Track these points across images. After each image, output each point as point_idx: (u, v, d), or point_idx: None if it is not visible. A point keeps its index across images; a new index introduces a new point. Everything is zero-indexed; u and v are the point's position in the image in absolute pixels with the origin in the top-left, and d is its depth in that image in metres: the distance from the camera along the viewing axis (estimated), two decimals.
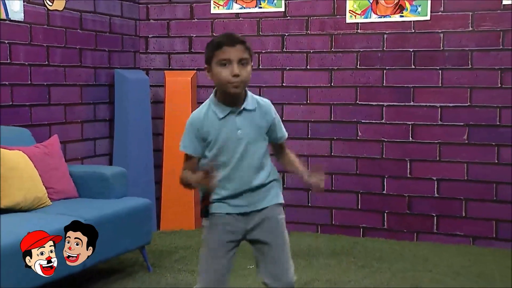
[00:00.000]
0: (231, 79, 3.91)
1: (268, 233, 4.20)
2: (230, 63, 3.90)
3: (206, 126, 4.06)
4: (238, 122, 4.04)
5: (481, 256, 7.19)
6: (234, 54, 3.90)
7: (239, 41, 3.95)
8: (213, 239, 4.26)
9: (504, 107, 7.52)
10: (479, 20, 7.54)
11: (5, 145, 5.98)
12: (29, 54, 7.07)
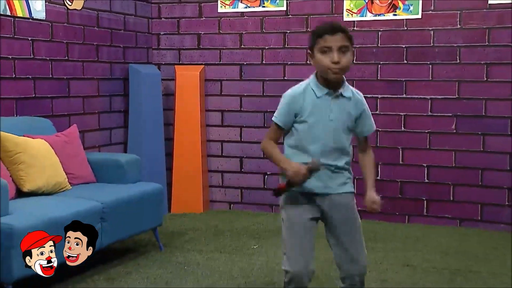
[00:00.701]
0: (331, 66, 3.88)
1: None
2: (331, 50, 3.87)
3: (303, 102, 4.03)
4: (332, 105, 3.99)
5: (467, 237, 7.22)
6: (334, 42, 3.86)
7: (340, 29, 3.91)
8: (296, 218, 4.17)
9: (489, 99, 7.54)
10: (467, 18, 7.55)
11: (28, 134, 6.03)
12: (50, 50, 7.07)
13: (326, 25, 4.00)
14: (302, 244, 4.08)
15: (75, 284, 5.51)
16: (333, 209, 4.12)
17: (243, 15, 8.47)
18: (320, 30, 3.94)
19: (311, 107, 3.99)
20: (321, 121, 3.99)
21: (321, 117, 3.99)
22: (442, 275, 5.88)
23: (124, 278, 5.75)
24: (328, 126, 3.98)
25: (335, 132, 4.00)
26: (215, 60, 8.62)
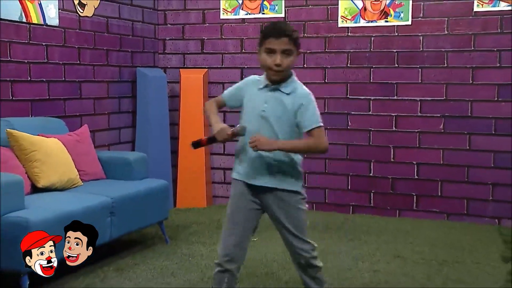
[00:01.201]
0: (273, 67, 3.92)
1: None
2: (275, 52, 3.90)
3: (249, 89, 4.13)
4: (267, 98, 4.01)
5: (454, 230, 7.25)
6: (278, 45, 3.89)
7: (285, 34, 3.92)
8: None
9: (475, 101, 7.56)
10: (454, 25, 7.57)
11: (43, 133, 6.04)
12: (63, 54, 7.07)
13: (273, 27, 4.05)
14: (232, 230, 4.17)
15: (86, 275, 5.50)
16: (271, 203, 4.10)
17: (244, 21, 8.49)
18: (267, 32, 3.99)
19: (249, 96, 4.09)
20: (254, 111, 4.04)
21: (254, 107, 4.05)
22: (430, 266, 5.89)
23: (132, 269, 5.75)
24: (260, 117, 4.00)
25: (267, 123, 3.99)
26: (218, 64, 8.63)
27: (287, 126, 4.01)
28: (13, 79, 6.42)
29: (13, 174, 5.18)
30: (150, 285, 5.36)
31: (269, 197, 4.10)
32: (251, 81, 4.19)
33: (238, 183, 4.18)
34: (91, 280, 5.41)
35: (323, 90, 8.02)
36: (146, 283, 5.40)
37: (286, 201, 4.10)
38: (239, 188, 4.17)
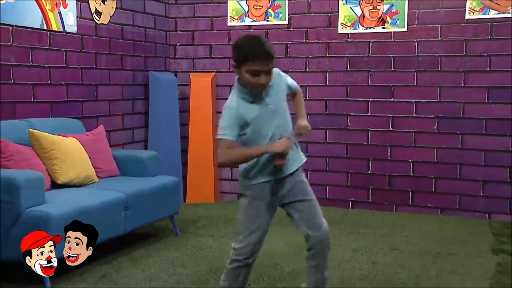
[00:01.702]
0: (258, 86, 3.80)
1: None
2: (260, 73, 3.76)
3: (241, 112, 3.87)
4: (264, 101, 3.89)
5: (447, 224, 7.25)
6: (264, 67, 3.75)
7: (272, 56, 3.80)
8: None
9: (467, 102, 7.55)
10: (446, 32, 7.57)
11: (61, 133, 6.04)
12: (81, 59, 7.09)
13: (259, 50, 3.79)
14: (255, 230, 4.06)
15: (102, 265, 5.53)
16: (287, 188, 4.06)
17: (250, 28, 8.47)
18: (254, 54, 3.77)
19: (249, 114, 3.87)
20: (265, 117, 3.89)
21: (262, 114, 3.89)
22: (425, 258, 5.89)
23: (145, 260, 5.76)
24: (273, 116, 3.92)
25: (280, 116, 3.94)
26: (225, 68, 8.61)
27: (284, 108, 4.00)
28: (34, 83, 6.43)
29: (34, 171, 5.21)
30: (162, 275, 5.35)
31: (288, 182, 4.06)
32: (236, 105, 3.91)
33: (258, 187, 4.04)
34: (107, 270, 5.42)
35: (324, 93, 8.05)
36: (158, 273, 5.39)
37: (299, 178, 4.12)
38: (259, 191, 4.05)
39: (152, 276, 5.33)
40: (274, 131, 3.92)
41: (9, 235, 4.90)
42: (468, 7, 7.45)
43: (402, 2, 7.72)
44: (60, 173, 5.75)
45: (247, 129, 3.89)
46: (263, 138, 3.91)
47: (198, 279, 5.25)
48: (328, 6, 8.07)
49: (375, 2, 7.84)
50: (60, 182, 5.74)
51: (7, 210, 4.89)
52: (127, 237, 6.08)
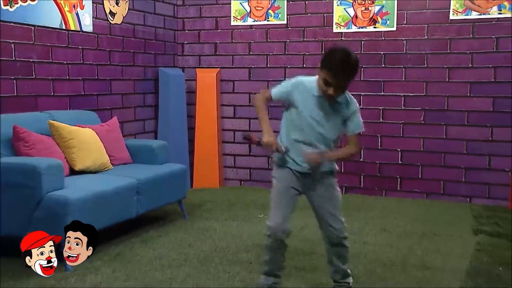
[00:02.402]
0: (325, 93, 3.80)
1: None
2: (330, 85, 3.75)
3: (302, 92, 3.93)
4: (325, 105, 3.90)
5: (432, 207, 7.28)
6: (336, 81, 3.73)
7: (347, 77, 3.79)
8: None
9: (450, 96, 7.58)
10: (432, 31, 7.59)
11: (79, 124, 6.06)
12: (96, 56, 7.11)
13: (337, 62, 3.77)
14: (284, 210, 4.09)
15: (116, 245, 5.56)
16: (313, 185, 4.12)
17: (252, 27, 8.48)
18: (330, 66, 3.78)
19: (303, 100, 3.92)
20: (311, 115, 3.92)
21: (309, 110, 3.92)
22: (412, 238, 5.93)
23: (155, 240, 5.78)
24: (315, 121, 3.91)
25: (319, 126, 3.92)
26: (229, 64, 8.63)
27: (336, 129, 3.99)
28: (54, 78, 6.45)
29: (54, 159, 5.22)
30: (171, 254, 5.35)
31: (315, 180, 4.09)
32: (302, 86, 3.98)
33: (288, 172, 4.08)
34: (121, 249, 5.44)
35: None
36: (167, 253, 5.40)
37: (327, 182, 4.14)
38: (288, 173, 4.08)
39: (161, 255, 5.33)
40: (316, 137, 3.95)
41: (32, 216, 4.93)
42: (452, 9, 7.47)
43: (392, 4, 7.74)
44: (77, 161, 5.77)
45: (292, 109, 3.97)
46: (299, 130, 3.96)
47: (203, 258, 5.25)
48: (323, 7, 8.07)
49: (367, 3, 7.85)
50: (78, 169, 5.76)
51: (30, 194, 4.92)
52: (139, 219, 6.05)
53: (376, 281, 4.70)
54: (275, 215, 4.05)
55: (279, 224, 4.01)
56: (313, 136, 3.96)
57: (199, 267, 5.03)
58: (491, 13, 7.35)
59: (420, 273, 4.93)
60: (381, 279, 4.77)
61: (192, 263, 5.14)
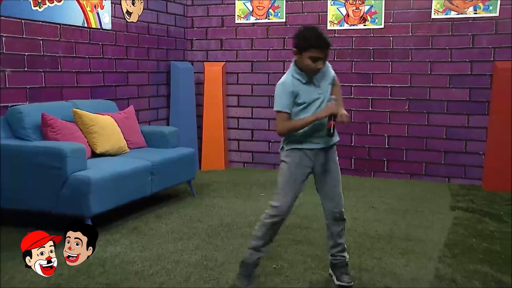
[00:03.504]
0: (316, 70, 3.73)
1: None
2: (319, 59, 3.70)
3: (294, 89, 3.78)
4: (316, 84, 3.80)
5: (415, 187, 7.30)
6: (322, 54, 3.69)
7: (329, 46, 3.74)
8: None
9: (432, 87, 7.59)
10: (416, 29, 7.59)
11: (99, 112, 6.09)
12: (115, 51, 7.12)
13: (320, 40, 3.73)
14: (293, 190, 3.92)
15: (133, 220, 5.60)
16: (325, 161, 3.98)
17: (254, 25, 8.47)
18: (316, 44, 3.71)
19: (302, 92, 3.79)
20: (313, 98, 3.81)
21: (311, 96, 3.80)
22: (397, 214, 5.97)
23: (168, 216, 5.81)
24: (318, 100, 3.80)
25: (321, 101, 3.82)
26: (233, 58, 8.62)
27: (328, 93, 3.88)
28: (77, 71, 6.48)
29: (78, 143, 5.27)
30: (181, 228, 5.39)
31: (326, 154, 3.98)
32: (292, 83, 3.82)
33: (302, 153, 3.90)
34: (137, 224, 5.48)
35: None
36: (178, 227, 5.42)
37: (334, 154, 4.07)
38: (303, 157, 3.90)
39: (173, 229, 5.37)
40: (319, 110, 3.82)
41: (59, 194, 4.98)
42: (434, 8, 7.47)
43: (380, 4, 7.73)
44: (98, 145, 5.80)
45: (298, 104, 3.82)
46: (308, 112, 3.81)
47: (211, 232, 5.28)
48: (318, 7, 8.07)
49: (357, 3, 7.84)
50: (98, 152, 5.80)
51: (56, 174, 4.96)
52: (153, 197, 6.10)
53: (365, 252, 4.72)
54: (286, 198, 3.90)
55: (288, 207, 3.90)
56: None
57: (207, 240, 5.05)
58: (467, 13, 7.35)
59: (404, 244, 4.96)
60: (370, 250, 4.79)
61: (200, 236, 5.16)
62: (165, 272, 4.26)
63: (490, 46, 7.33)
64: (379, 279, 4.16)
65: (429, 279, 4.16)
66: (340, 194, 4.08)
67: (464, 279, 4.15)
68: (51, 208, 5.06)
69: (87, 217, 4.98)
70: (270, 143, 8.55)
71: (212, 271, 4.29)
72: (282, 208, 3.88)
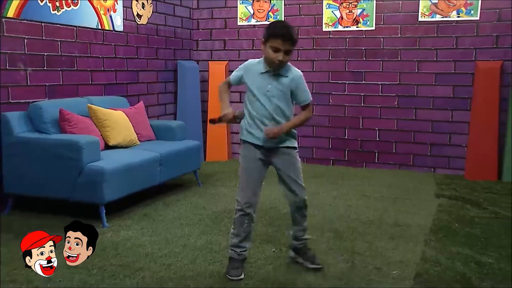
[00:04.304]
0: (276, 61, 3.61)
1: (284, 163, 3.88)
2: (279, 51, 3.59)
3: (250, 73, 3.79)
4: (270, 80, 3.71)
5: (403, 176, 7.31)
6: (283, 46, 3.58)
7: (290, 39, 3.60)
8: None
9: (419, 84, 7.61)
10: (404, 30, 7.60)
11: (112, 107, 6.10)
12: (126, 51, 7.13)
13: (281, 29, 3.67)
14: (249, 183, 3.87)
15: (143, 207, 5.63)
16: (276, 158, 3.87)
17: (255, 27, 8.49)
18: (276, 33, 3.63)
19: (253, 79, 3.78)
20: (260, 90, 3.73)
21: (259, 87, 3.74)
22: (387, 201, 6.01)
23: (175, 203, 5.83)
24: (265, 95, 3.72)
25: (271, 100, 3.71)
26: (236, 57, 8.62)
27: (285, 100, 3.75)
28: (92, 69, 6.50)
29: (92, 136, 5.29)
30: (188, 215, 5.40)
31: (276, 153, 3.86)
32: (251, 65, 3.84)
33: (251, 146, 3.87)
34: (147, 211, 5.50)
35: (312, 77, 8.00)
36: (185, 213, 5.45)
37: (288, 154, 3.87)
38: (252, 150, 3.87)
39: (180, 215, 5.39)
40: (274, 110, 3.73)
41: (75, 183, 5.01)
42: (420, 12, 7.49)
43: (371, 7, 7.74)
44: (111, 138, 5.82)
45: (247, 90, 3.81)
46: (256, 107, 3.75)
47: (215, 218, 5.30)
48: (314, 10, 8.07)
49: (350, 7, 7.85)
50: (111, 144, 5.82)
51: (73, 164, 4.99)
52: (161, 186, 6.12)
53: (358, 237, 4.74)
54: (245, 193, 3.84)
55: (248, 201, 3.82)
56: (269, 110, 3.74)
57: (211, 225, 5.08)
58: (451, 16, 7.37)
59: (393, 229, 4.99)
60: (362, 234, 4.81)
61: (205, 222, 5.18)
62: (173, 255, 4.29)
63: (472, 47, 7.35)
64: (370, 261, 4.19)
65: (416, 261, 4.19)
66: (299, 184, 3.94)
67: (447, 260, 4.19)
68: (68, 196, 5.09)
69: (101, 204, 5.01)
70: None
71: (216, 254, 4.32)
72: (243, 203, 3.85)
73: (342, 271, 4.02)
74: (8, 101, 5.47)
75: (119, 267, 4.02)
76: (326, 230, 4.96)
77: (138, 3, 7.40)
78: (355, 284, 3.80)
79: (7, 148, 5.27)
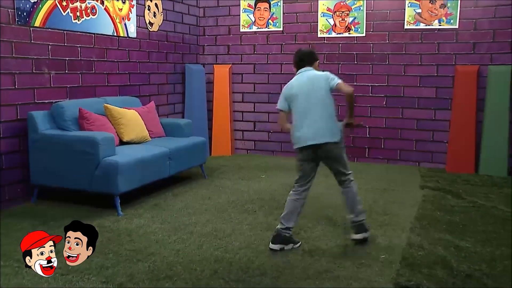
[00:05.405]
0: None
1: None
2: None
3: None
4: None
5: (391, 170, 7.32)
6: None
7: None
8: None
9: (405, 86, 7.59)
10: (392, 37, 7.58)
11: (126, 107, 6.11)
12: (139, 56, 7.13)
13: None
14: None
15: (154, 198, 5.64)
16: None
17: (256, 33, 8.44)
18: None
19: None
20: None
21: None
22: (376, 192, 6.02)
23: (183, 194, 5.84)
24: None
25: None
26: (238, 61, 8.59)
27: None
28: (108, 72, 6.52)
29: (108, 133, 5.31)
30: (194, 205, 5.41)
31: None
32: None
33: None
34: (157, 201, 5.51)
35: None
36: (192, 203, 5.45)
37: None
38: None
39: (188, 205, 5.40)
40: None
41: (93, 175, 5.03)
42: (406, 20, 7.48)
43: (362, 16, 7.71)
44: (125, 134, 5.85)
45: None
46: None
47: (219, 208, 5.32)
48: (310, 18, 8.04)
49: (343, 15, 7.83)
50: (125, 140, 5.86)
51: (91, 159, 5.02)
52: (170, 178, 6.13)
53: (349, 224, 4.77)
54: None
55: None
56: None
57: (216, 214, 5.09)
58: (433, 24, 7.37)
59: (381, 218, 5.02)
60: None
61: (211, 211, 5.20)
62: (181, 241, 4.31)
63: (452, 52, 7.35)
64: (361, 247, 4.22)
65: (402, 246, 4.22)
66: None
67: (430, 245, 4.22)
68: (86, 187, 5.11)
69: (116, 195, 5.03)
70: (269, 133, 8.55)
71: (220, 241, 4.34)
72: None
73: (335, 255, 4.05)
74: (34, 101, 5.50)
75: (133, 252, 4.05)
76: (321, 217, 4.99)
77: (150, 12, 7.39)
78: (347, 266, 3.83)
79: (33, 143, 5.29)
